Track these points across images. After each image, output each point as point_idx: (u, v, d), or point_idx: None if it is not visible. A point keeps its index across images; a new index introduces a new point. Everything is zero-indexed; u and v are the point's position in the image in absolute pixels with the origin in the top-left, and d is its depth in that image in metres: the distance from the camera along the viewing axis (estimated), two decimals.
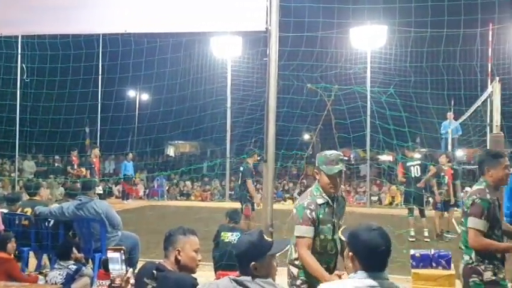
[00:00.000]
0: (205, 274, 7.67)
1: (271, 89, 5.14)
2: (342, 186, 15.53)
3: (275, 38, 5.14)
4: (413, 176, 11.78)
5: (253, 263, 2.90)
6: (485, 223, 3.99)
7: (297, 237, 3.97)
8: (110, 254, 3.29)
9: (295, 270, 4.13)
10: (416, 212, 11.84)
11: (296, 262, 4.08)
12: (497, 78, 9.12)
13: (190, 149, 36.69)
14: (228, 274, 4.59)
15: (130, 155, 20.11)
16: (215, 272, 6.77)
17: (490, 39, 13.60)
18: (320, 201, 4.05)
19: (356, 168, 23.36)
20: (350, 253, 2.69)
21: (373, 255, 2.57)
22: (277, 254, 3.05)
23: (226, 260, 6.48)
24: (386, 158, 23.38)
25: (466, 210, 4.18)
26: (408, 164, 11.95)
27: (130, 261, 6.10)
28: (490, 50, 13.73)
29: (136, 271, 3.61)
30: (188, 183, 23.55)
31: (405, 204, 12.34)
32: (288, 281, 4.22)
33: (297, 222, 4.00)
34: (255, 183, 11.19)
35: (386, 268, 2.63)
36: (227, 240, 6.83)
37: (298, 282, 4.09)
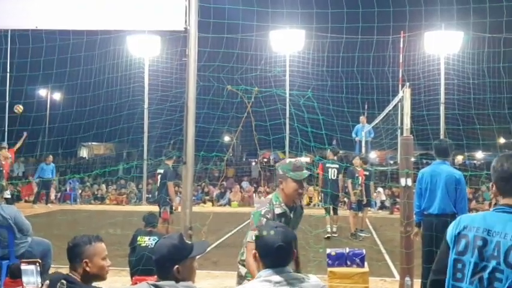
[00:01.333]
0: (121, 280, 7.45)
1: (190, 90, 5.06)
2: (262, 187, 15.64)
3: (194, 38, 5.07)
4: (329, 177, 12.21)
5: (176, 266, 2.83)
6: None
7: (249, 242, 3.94)
8: (25, 266, 3.07)
9: (243, 270, 4.17)
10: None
11: (245, 263, 4.09)
12: (408, 84, 9.58)
13: (105, 150, 35.58)
14: (145, 279, 4.45)
15: (50, 157, 19.09)
16: (131, 278, 6.58)
17: (402, 46, 14.30)
18: (278, 211, 4.05)
19: (275, 169, 23.63)
20: (254, 251, 2.73)
21: (271, 251, 2.64)
22: (197, 257, 3.02)
23: (143, 264, 6.32)
24: (304, 159, 23.86)
25: None
26: (327, 165, 12.41)
27: (41, 269, 5.78)
28: (401, 56, 14.42)
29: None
30: (103, 186, 22.80)
31: (324, 204, 12.76)
32: (236, 279, 4.25)
33: (251, 228, 3.98)
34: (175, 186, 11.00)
35: (288, 264, 2.68)
36: (144, 244, 6.65)
37: (245, 282, 4.13)
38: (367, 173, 12.82)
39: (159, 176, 10.69)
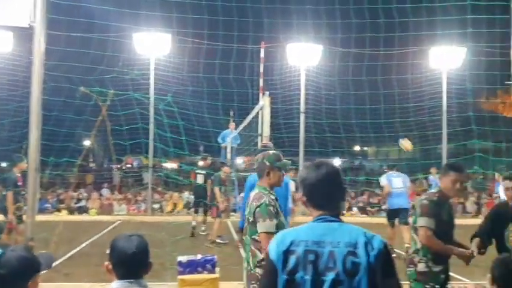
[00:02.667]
0: None
1: (34, 90, 4.75)
2: (121, 195, 15.18)
3: (40, 36, 4.76)
4: (198, 182, 12.82)
5: (30, 282, 2.57)
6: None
7: (265, 232, 4.00)
8: None
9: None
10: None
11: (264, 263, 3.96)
12: (267, 93, 9.91)
13: None
14: None
15: None
16: None
17: (262, 56, 14.71)
18: (273, 197, 4.24)
19: (139, 175, 23.16)
20: (106, 263, 2.63)
21: (123, 260, 2.56)
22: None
23: None
24: (170, 165, 23.60)
25: None
26: (197, 171, 13.12)
27: None
28: (261, 66, 14.82)
29: None
30: None
31: (196, 206, 13.18)
32: (255, 285, 4.13)
33: (262, 219, 4.06)
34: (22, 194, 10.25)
35: (141, 276, 2.61)
36: None
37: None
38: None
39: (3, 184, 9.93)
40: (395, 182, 10.48)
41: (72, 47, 7.23)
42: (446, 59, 19.82)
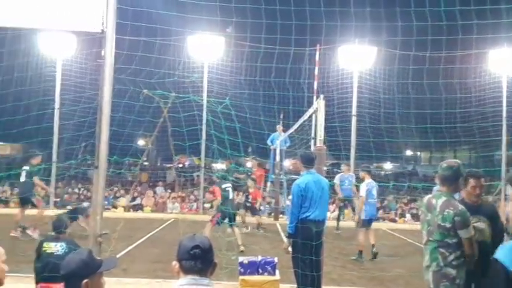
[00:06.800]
0: (25, 286, 7.10)
1: (105, 92, 4.96)
2: (175, 193, 15.57)
3: (111, 41, 4.98)
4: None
5: (85, 280, 2.80)
6: None
7: (469, 238, 4.40)
8: None
9: (453, 272, 4.46)
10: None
11: (454, 263, 4.42)
12: (322, 96, 9.89)
13: (12, 151, 33.72)
14: (50, 286, 4.29)
15: None
16: (36, 284, 6.29)
17: (317, 59, 14.66)
18: None
19: (191, 175, 23.60)
20: (174, 263, 2.75)
21: (186, 256, 2.69)
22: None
23: (49, 271, 6.06)
24: (220, 166, 23.90)
25: None
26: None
27: None
28: (316, 69, 14.76)
29: None
30: (7, 188, 21.53)
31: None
32: (446, 283, 4.45)
33: (466, 226, 4.41)
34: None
35: (206, 271, 2.72)
36: (49, 251, 6.37)
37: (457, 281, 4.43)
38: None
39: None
40: None
41: (135, 51, 7.49)
42: (506, 62, 19.12)
